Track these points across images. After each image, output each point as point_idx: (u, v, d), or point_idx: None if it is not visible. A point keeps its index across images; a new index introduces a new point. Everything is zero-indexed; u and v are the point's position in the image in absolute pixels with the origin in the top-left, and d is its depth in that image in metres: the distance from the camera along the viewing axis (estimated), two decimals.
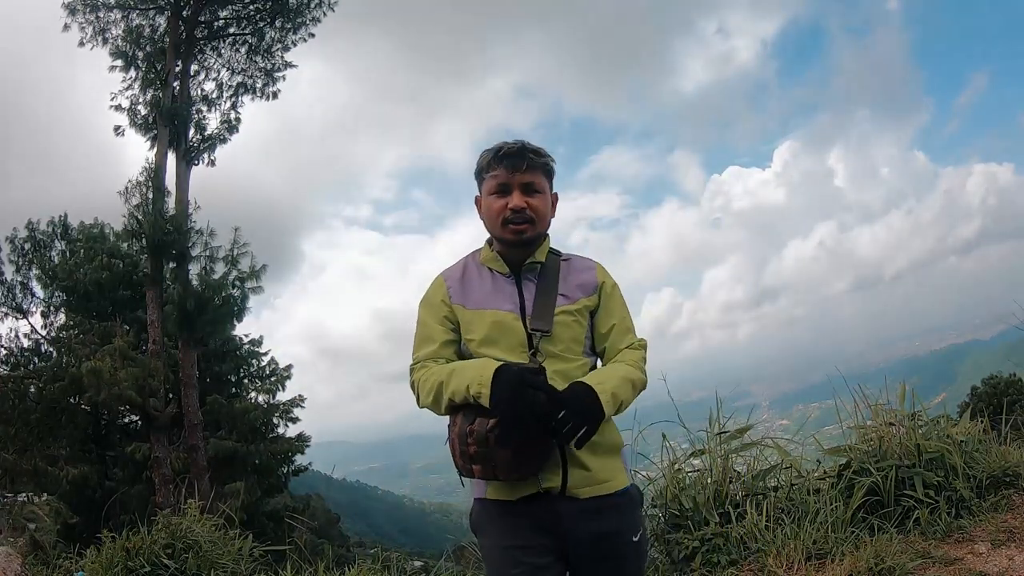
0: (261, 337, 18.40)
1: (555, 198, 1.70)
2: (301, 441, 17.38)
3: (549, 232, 1.71)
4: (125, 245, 13.99)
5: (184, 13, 13.54)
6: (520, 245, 1.63)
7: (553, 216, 1.70)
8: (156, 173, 12.77)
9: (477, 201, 1.70)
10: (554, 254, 1.69)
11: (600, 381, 1.50)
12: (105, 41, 13.35)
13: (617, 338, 1.66)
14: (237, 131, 13.74)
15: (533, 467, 1.49)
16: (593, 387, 1.47)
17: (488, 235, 1.70)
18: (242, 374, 18.18)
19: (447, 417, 1.56)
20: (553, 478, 1.53)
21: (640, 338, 1.71)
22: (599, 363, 1.70)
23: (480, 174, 1.67)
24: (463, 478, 1.55)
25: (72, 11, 13.27)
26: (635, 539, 1.61)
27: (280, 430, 17.29)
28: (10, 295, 13.98)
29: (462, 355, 1.64)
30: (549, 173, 1.66)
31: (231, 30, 14.22)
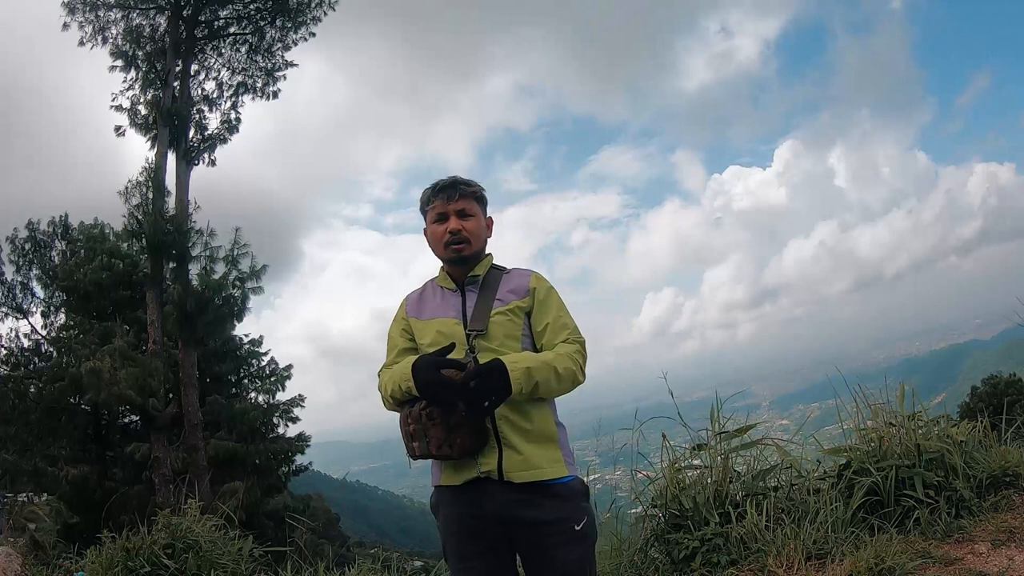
0: (261, 337, 18.46)
1: (490, 221, 1.97)
2: (301, 441, 17.41)
3: (491, 251, 1.98)
4: (125, 245, 14.00)
5: (184, 13, 13.54)
6: (461, 262, 1.88)
7: (490, 236, 1.97)
8: (156, 173, 12.78)
9: (425, 232, 1.96)
10: (496, 268, 1.94)
11: (515, 360, 1.67)
12: (105, 41, 13.40)
13: (552, 335, 1.83)
14: (237, 131, 13.78)
15: (465, 445, 1.66)
16: (505, 362, 1.65)
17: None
18: (242, 374, 18.20)
19: None
20: (489, 462, 1.70)
21: (579, 336, 1.85)
22: None
23: (423, 209, 1.94)
24: (409, 459, 1.74)
25: (72, 10, 13.29)
26: (577, 528, 1.73)
27: (280, 430, 17.33)
28: (10, 295, 14.00)
29: None
30: (480, 200, 1.93)
31: (231, 29, 14.23)
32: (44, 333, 15.15)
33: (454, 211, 1.87)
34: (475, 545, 1.76)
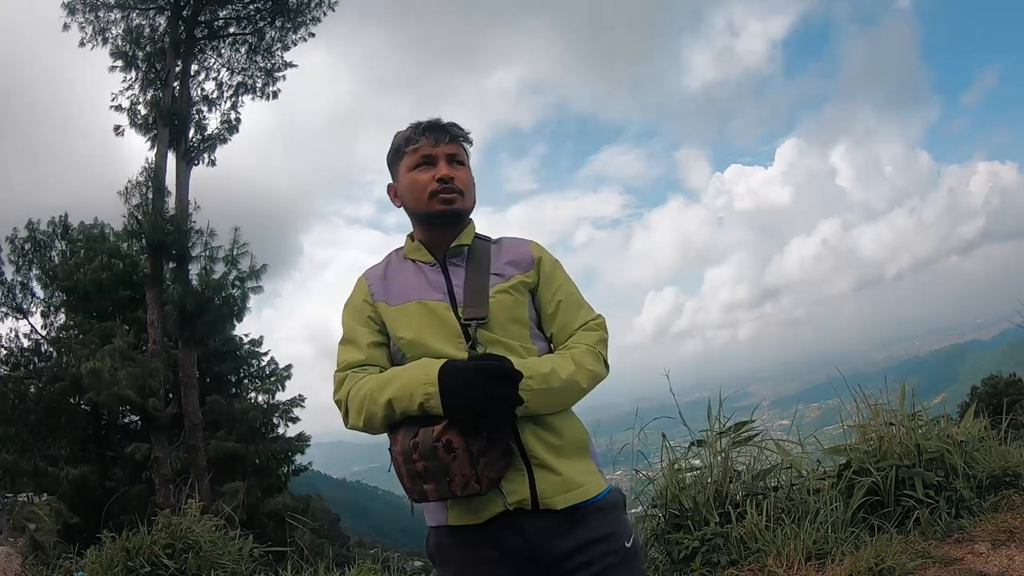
0: (261, 337, 18.46)
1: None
2: (301, 441, 17.41)
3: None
4: (125, 245, 14.01)
5: (184, 13, 13.54)
6: (449, 221, 1.46)
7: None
8: (156, 173, 12.78)
9: (390, 189, 1.54)
10: (481, 238, 1.53)
11: (531, 375, 1.31)
12: (105, 41, 13.39)
13: (568, 317, 1.47)
14: (237, 131, 13.77)
15: (496, 476, 1.27)
16: (521, 386, 1.28)
17: (408, 232, 1.56)
18: (242, 374, 18.21)
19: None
20: (519, 488, 1.32)
21: (597, 316, 1.51)
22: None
23: (398, 151, 1.50)
24: (414, 505, 1.33)
25: (72, 11, 13.29)
26: (628, 544, 1.38)
27: (280, 430, 17.33)
28: (10, 295, 14.01)
29: (394, 361, 1.45)
30: (469, 148, 1.52)
31: (231, 30, 14.23)
32: (44, 333, 15.17)
33: (444, 155, 1.45)
34: None
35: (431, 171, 1.45)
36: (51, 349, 14.96)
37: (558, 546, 1.33)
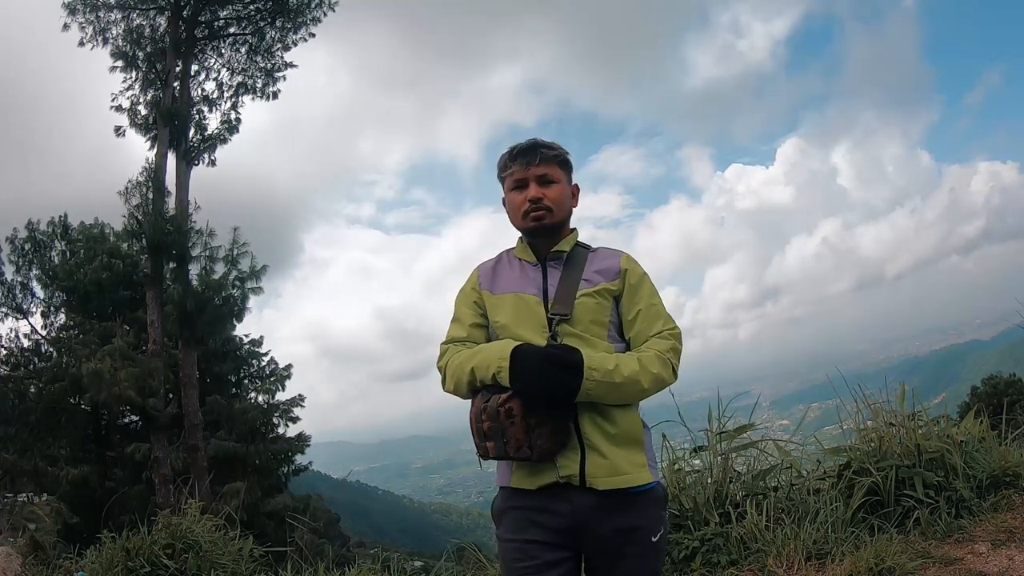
0: (261, 337, 18.44)
1: (575, 189, 1.76)
2: (301, 441, 17.39)
3: (577, 226, 1.77)
4: (125, 245, 13.99)
5: (184, 13, 13.54)
6: (542, 233, 1.69)
7: (575, 205, 1.76)
8: (156, 173, 12.78)
9: (504, 202, 1.77)
10: (582, 246, 1.74)
11: (595, 368, 1.49)
12: (105, 41, 13.38)
13: (645, 325, 1.64)
14: (237, 131, 13.77)
15: (546, 447, 1.48)
16: (585, 374, 1.47)
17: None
18: (242, 374, 18.19)
19: (464, 410, 1.59)
20: (570, 465, 1.52)
21: (674, 326, 1.66)
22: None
23: (500, 176, 1.75)
24: (480, 459, 1.56)
25: (72, 11, 13.28)
26: (654, 539, 1.58)
27: (280, 430, 17.31)
28: (10, 295, 14.00)
29: (491, 340, 1.68)
30: (564, 164, 1.72)
31: (231, 30, 14.23)
32: (44, 333, 15.15)
33: (534, 177, 1.67)
34: (547, 554, 1.55)
35: (524, 193, 1.68)
36: (51, 349, 14.96)
37: (596, 523, 1.53)
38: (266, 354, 18.39)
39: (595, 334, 1.60)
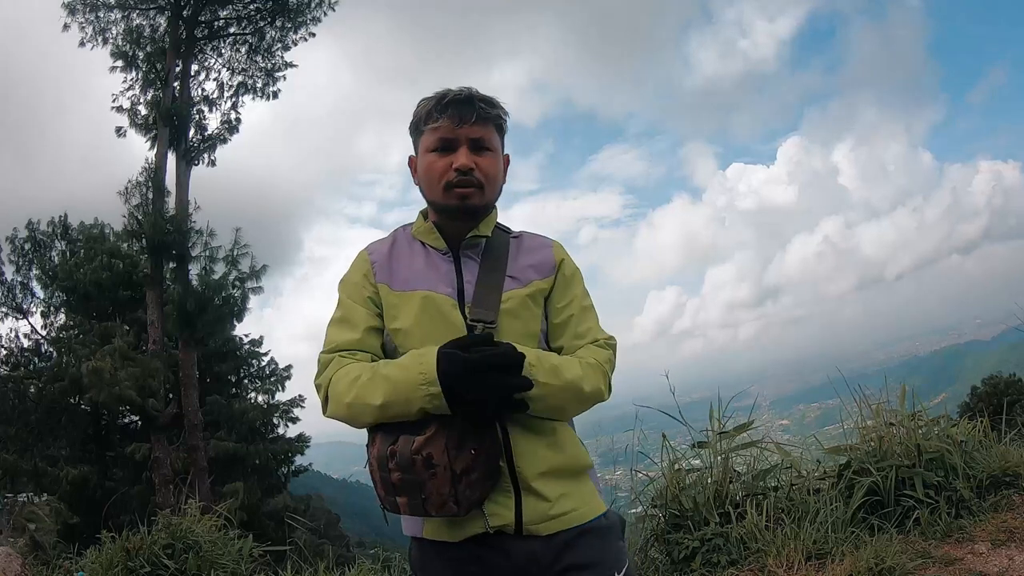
0: (261, 337, 18.45)
1: (507, 160, 1.38)
2: (301, 441, 17.41)
3: (498, 204, 1.38)
4: (125, 245, 14.01)
5: (184, 13, 13.56)
6: (464, 214, 1.30)
7: (504, 182, 1.37)
8: (156, 173, 12.80)
9: (411, 162, 1.38)
10: (502, 230, 1.38)
11: (537, 369, 1.18)
12: (105, 41, 13.41)
13: (579, 330, 1.32)
14: (238, 131, 13.80)
15: (475, 497, 1.15)
16: (531, 378, 1.16)
17: (424, 204, 1.39)
18: (242, 374, 18.20)
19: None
20: (503, 512, 1.19)
21: (609, 336, 1.36)
22: None
23: (418, 127, 1.33)
24: (386, 513, 1.21)
25: (72, 11, 13.30)
26: (619, 574, 1.26)
27: (280, 430, 17.33)
28: (10, 295, 14.04)
29: (385, 350, 1.31)
30: (501, 129, 1.34)
31: (231, 30, 14.24)
32: (44, 333, 15.19)
33: (466, 139, 1.28)
34: None
35: (449, 157, 1.28)
36: (51, 349, 14.98)
37: (547, 566, 1.22)
38: (266, 354, 18.41)
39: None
